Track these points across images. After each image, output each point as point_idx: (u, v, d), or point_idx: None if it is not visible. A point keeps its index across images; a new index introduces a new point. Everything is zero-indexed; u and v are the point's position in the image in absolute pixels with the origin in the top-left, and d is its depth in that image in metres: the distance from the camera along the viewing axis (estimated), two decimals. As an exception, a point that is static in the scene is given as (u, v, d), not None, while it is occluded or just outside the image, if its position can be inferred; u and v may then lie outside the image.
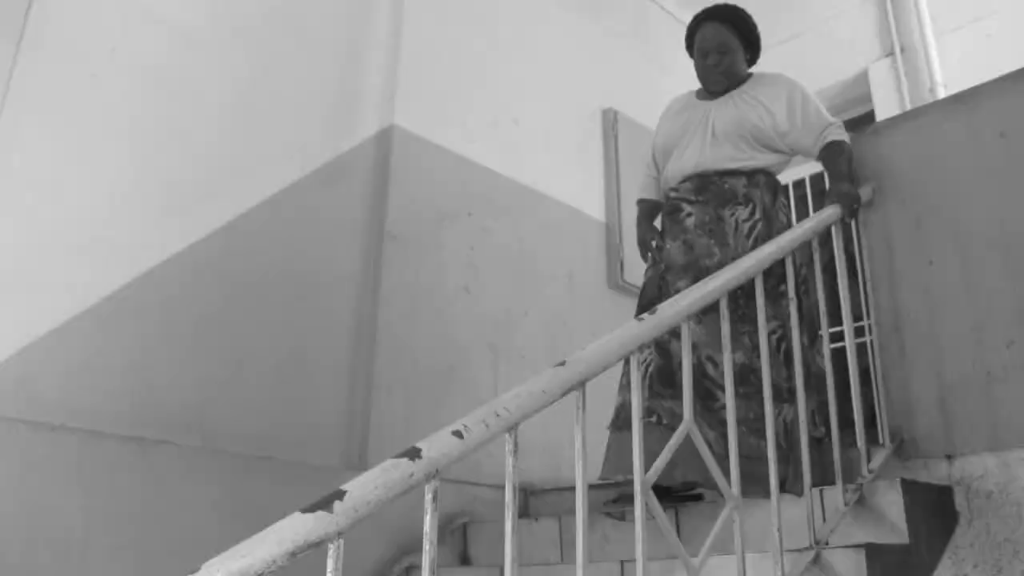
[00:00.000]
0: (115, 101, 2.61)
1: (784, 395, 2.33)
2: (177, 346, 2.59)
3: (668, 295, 2.47)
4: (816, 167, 3.77)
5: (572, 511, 2.84)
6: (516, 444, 1.39)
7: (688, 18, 4.86)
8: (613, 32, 4.44)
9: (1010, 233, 2.29)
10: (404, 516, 2.78)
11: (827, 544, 1.93)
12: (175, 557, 2.41)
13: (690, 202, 2.59)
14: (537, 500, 3.21)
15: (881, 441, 2.38)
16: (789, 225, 2.57)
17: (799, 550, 1.91)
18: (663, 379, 2.43)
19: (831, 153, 2.55)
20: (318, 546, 1.10)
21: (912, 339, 2.41)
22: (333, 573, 1.11)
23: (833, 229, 2.39)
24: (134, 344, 2.50)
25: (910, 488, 2.08)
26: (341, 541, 1.12)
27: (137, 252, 2.56)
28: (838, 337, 2.43)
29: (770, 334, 2.36)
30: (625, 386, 2.50)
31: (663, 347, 2.45)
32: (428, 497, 1.25)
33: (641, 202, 2.92)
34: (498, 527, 2.95)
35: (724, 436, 2.20)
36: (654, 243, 2.74)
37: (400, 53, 3.35)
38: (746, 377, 2.31)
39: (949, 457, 2.27)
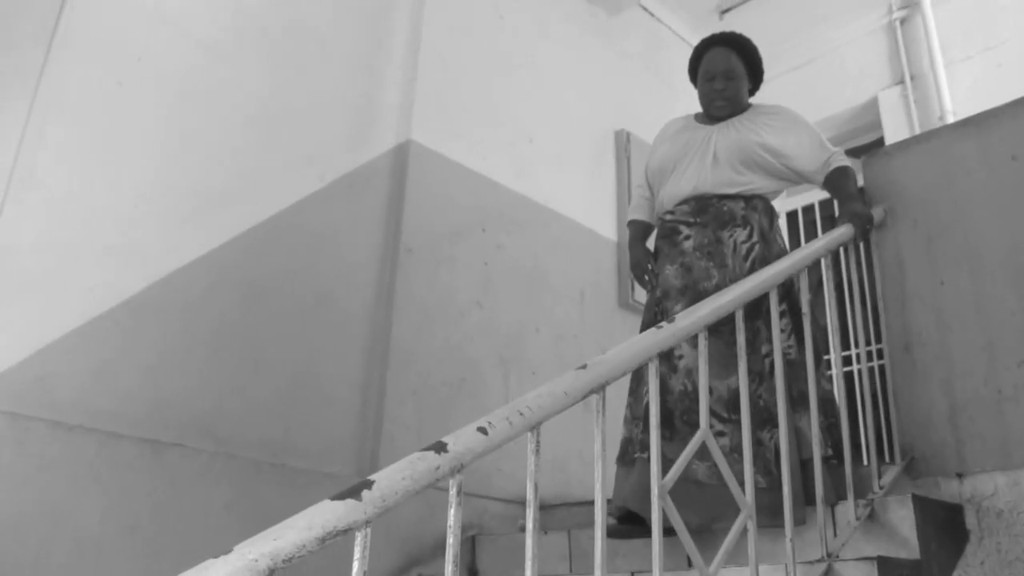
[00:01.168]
0: (140, 108, 2.66)
1: (776, 419, 2.29)
2: (193, 351, 2.61)
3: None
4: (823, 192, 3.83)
5: (581, 525, 2.87)
6: (538, 444, 1.41)
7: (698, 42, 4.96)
8: (626, 55, 4.50)
9: (1022, 254, 2.32)
10: (413, 526, 2.81)
11: (838, 557, 1.94)
12: (188, 559, 2.41)
13: (688, 224, 2.56)
14: (546, 515, 3.21)
15: (888, 460, 2.39)
16: (786, 250, 2.57)
17: (811, 562, 1.92)
18: (660, 418, 2.37)
19: (839, 177, 2.56)
20: (346, 533, 1.12)
21: (923, 358, 2.43)
22: (360, 561, 1.13)
23: (843, 249, 2.43)
24: (152, 347, 2.53)
25: (921, 504, 2.09)
26: (369, 530, 1.15)
27: (157, 257, 2.60)
28: (845, 361, 2.44)
29: (764, 357, 2.35)
30: (629, 419, 2.48)
31: (660, 382, 2.40)
32: (452, 492, 1.27)
33: (633, 223, 2.86)
34: (506, 540, 2.99)
35: (716, 466, 2.22)
36: (650, 266, 2.70)
37: (418, 70, 3.40)
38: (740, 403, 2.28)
39: (960, 475, 2.28)
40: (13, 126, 2.41)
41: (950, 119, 4.04)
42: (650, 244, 2.79)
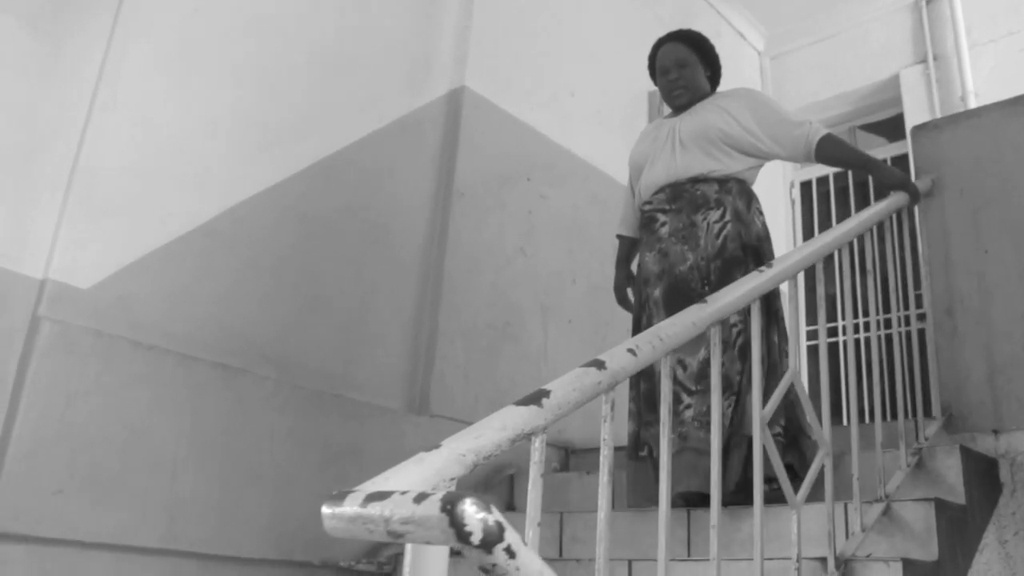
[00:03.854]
0: (215, 38, 2.67)
1: (734, 387, 2.35)
2: (260, 280, 2.67)
3: (648, 309, 2.54)
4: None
5: (619, 466, 2.98)
6: (671, 367, 1.51)
7: (729, 12, 5.04)
8: (661, 20, 4.55)
9: (1067, 227, 2.46)
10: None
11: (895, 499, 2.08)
12: (256, 480, 2.50)
13: (664, 211, 2.61)
14: (577, 458, 3.34)
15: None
16: (766, 230, 2.62)
17: (870, 502, 2.06)
18: (650, 404, 2.44)
19: (837, 147, 2.56)
20: (529, 437, 1.22)
21: (964, 321, 2.57)
22: (537, 465, 1.23)
23: (901, 214, 2.56)
24: (222, 275, 2.58)
25: (966, 455, 2.24)
26: (544, 435, 1.24)
27: (227, 187, 2.63)
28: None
29: (731, 327, 2.40)
30: (633, 413, 2.52)
31: (647, 370, 2.38)
32: (607, 407, 1.36)
33: (620, 239, 2.94)
34: (542, 478, 3.10)
35: (681, 436, 2.30)
36: (629, 290, 2.80)
37: (472, 19, 3.45)
38: (706, 373, 2.31)
39: (995, 432, 2.43)
40: (96, 49, 2.42)
41: (971, 100, 4.18)
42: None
